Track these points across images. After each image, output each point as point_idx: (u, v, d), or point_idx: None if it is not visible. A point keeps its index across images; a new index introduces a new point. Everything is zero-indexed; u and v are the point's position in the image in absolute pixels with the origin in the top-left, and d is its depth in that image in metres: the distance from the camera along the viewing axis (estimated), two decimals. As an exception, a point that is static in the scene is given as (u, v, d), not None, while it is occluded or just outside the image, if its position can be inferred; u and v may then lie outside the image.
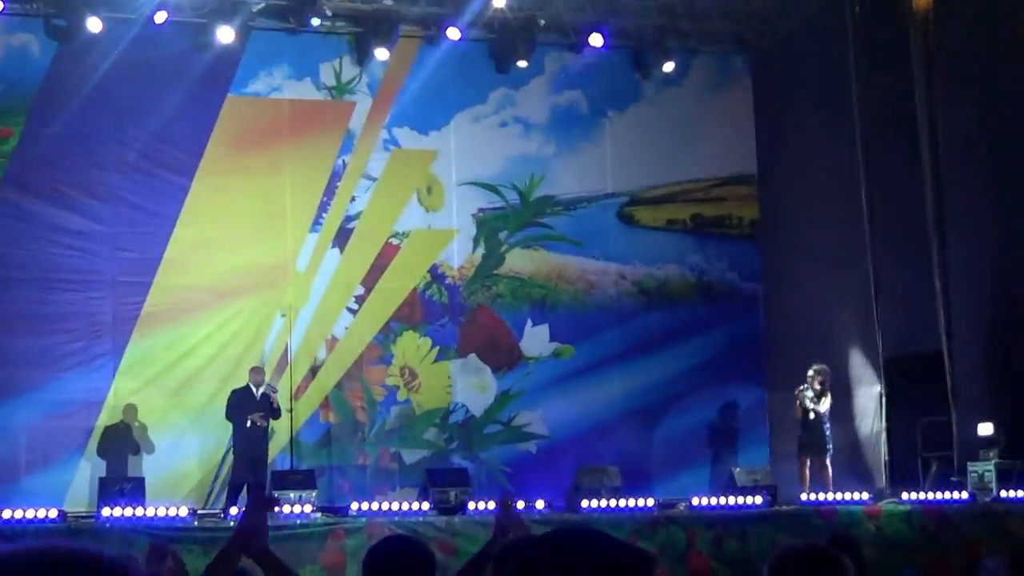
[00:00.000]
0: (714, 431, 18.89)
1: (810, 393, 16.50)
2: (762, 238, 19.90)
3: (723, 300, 19.66)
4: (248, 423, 15.62)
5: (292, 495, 14.65)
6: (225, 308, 17.59)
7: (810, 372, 16.61)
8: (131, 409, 16.88)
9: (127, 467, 16.41)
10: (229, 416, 15.91)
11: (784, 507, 15.60)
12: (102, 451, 16.56)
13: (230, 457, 17.04)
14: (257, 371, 16.17)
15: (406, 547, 4.84)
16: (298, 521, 14.11)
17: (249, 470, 15.57)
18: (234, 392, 16.05)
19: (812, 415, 16.42)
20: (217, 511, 15.64)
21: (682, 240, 19.69)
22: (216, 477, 17.12)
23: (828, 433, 16.42)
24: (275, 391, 15.97)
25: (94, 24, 16.86)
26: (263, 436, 15.88)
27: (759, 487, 15.62)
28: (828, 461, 16.35)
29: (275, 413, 15.95)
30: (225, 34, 17.44)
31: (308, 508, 14.42)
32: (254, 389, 15.91)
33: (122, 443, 16.66)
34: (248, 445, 15.74)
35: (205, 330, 17.47)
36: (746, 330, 19.57)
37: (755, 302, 19.78)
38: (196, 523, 13.95)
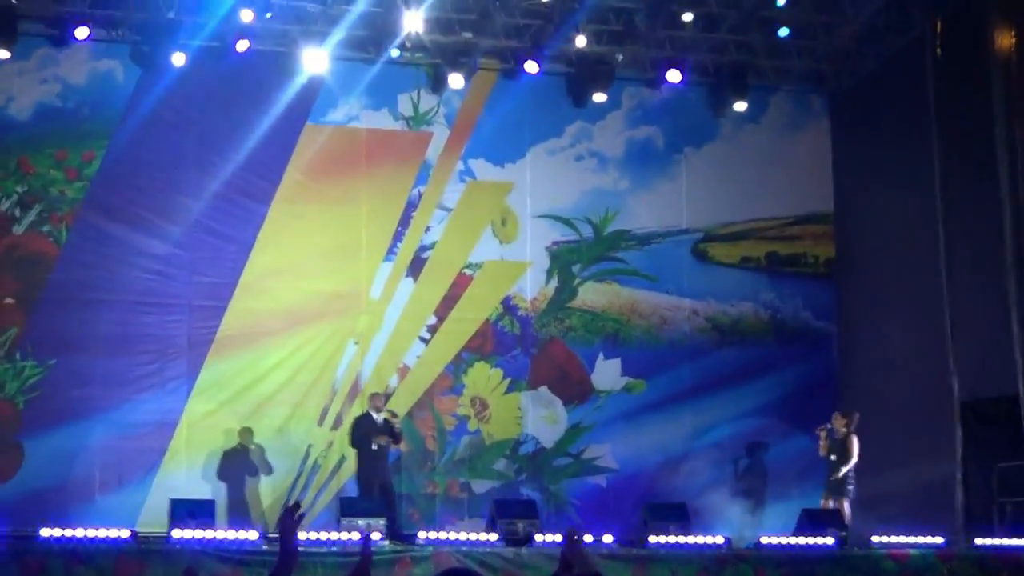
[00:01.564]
0: (743, 470, 18.62)
1: (836, 435, 16.32)
2: (837, 277, 19.71)
3: (796, 339, 19.51)
4: (374, 446, 15.66)
5: (360, 522, 14.60)
6: (298, 334, 17.64)
7: (836, 414, 16.51)
8: (247, 432, 17.05)
9: (245, 490, 16.78)
10: (354, 443, 16.01)
11: (855, 549, 15.40)
12: (222, 475, 16.79)
13: (301, 481, 17.19)
14: (377, 397, 16.26)
15: (467, 579, 4.83)
16: None
17: (375, 496, 15.57)
18: (356, 420, 16.18)
19: (834, 457, 16.26)
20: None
21: (756, 278, 19.58)
22: (287, 502, 17.04)
23: (850, 476, 16.23)
24: (396, 416, 16.01)
25: (178, 58, 17.05)
26: (386, 462, 15.96)
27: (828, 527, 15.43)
28: (846, 504, 16.11)
29: (396, 438, 16.00)
30: (314, 61, 17.46)
31: (376, 536, 14.24)
32: (374, 415, 15.96)
33: (241, 466, 16.93)
34: (375, 471, 15.78)
35: (278, 356, 17.53)
36: (819, 370, 19.38)
37: (828, 342, 19.59)
38: (265, 547, 13.89)
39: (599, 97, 18.85)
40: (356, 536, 14.09)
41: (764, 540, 15.42)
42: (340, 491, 17.13)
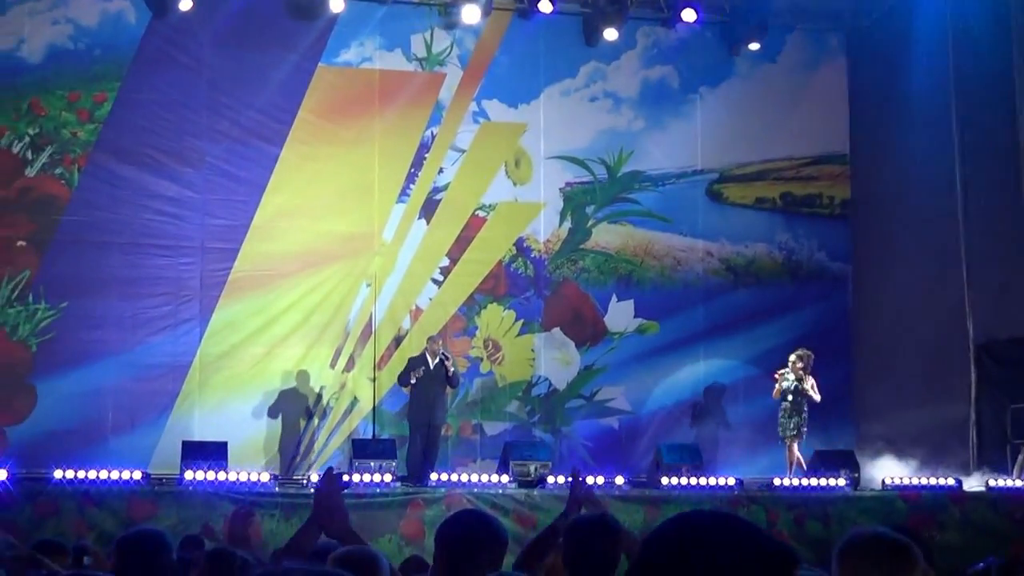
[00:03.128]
0: (698, 413, 18.59)
1: (792, 376, 16.20)
2: (853, 218, 19.58)
3: (811, 280, 19.42)
4: (413, 379, 15.57)
5: (372, 464, 14.74)
6: (311, 276, 17.59)
7: (792, 357, 16.31)
8: (305, 375, 17.24)
9: (300, 429, 17.04)
10: (401, 380, 16.00)
11: (868, 490, 15.46)
12: (274, 412, 17.02)
13: (313, 423, 17.21)
14: (433, 340, 16.07)
15: (479, 523, 4.79)
16: (378, 490, 14.18)
17: (423, 439, 15.64)
18: (410, 359, 16.07)
19: (790, 398, 16.18)
20: (300, 478, 15.76)
21: (771, 219, 19.48)
22: (299, 444, 17.19)
23: (805, 418, 16.12)
24: (448, 358, 15.80)
25: (185, 3, 16.98)
26: (437, 404, 15.81)
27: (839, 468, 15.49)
28: (798, 446, 16.10)
29: (451, 381, 15.86)
30: (336, 3, 17.39)
31: (388, 477, 14.48)
32: (429, 358, 15.78)
33: (297, 407, 17.14)
34: (420, 411, 15.73)
35: (291, 298, 17.50)
36: (834, 311, 19.28)
37: (844, 283, 19.47)
38: (278, 489, 14.00)
39: (611, 35, 18.63)
40: (371, 478, 14.24)
41: (777, 482, 15.55)
42: (352, 433, 17.19)
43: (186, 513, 13.10)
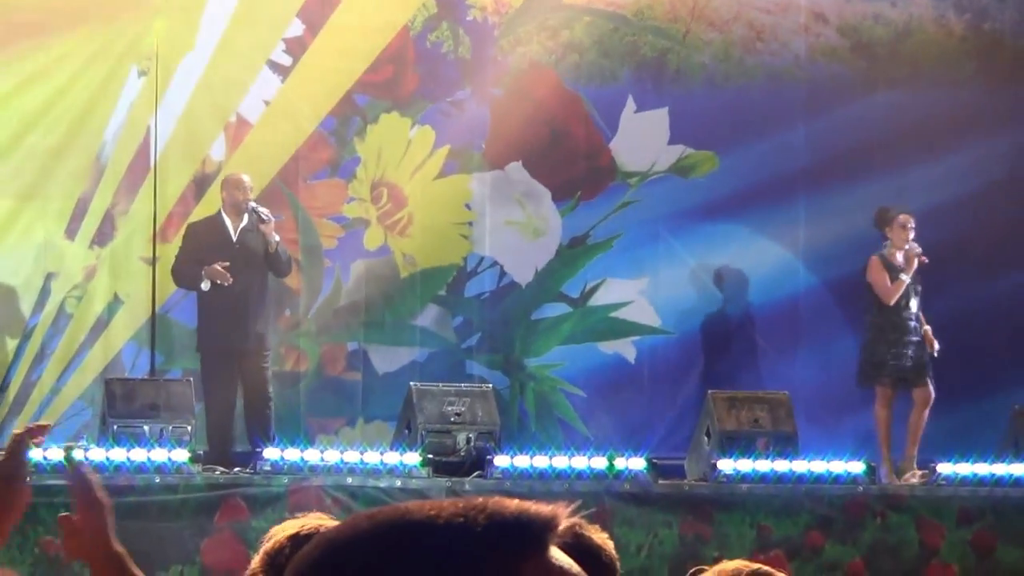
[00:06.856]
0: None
1: (900, 257, 16.91)
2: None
3: (1020, 73, 19.49)
4: (205, 284, 16.06)
5: (146, 428, 15.26)
6: (30, 55, 18.11)
7: (901, 219, 17.06)
8: (13, 253, 18.05)
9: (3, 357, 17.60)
10: (180, 279, 16.81)
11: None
12: None
13: (30, 347, 17.49)
14: (237, 185, 16.85)
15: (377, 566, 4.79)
16: (158, 480, 14.54)
17: (235, 381, 16.12)
18: (190, 228, 17.00)
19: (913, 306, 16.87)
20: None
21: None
22: (5, 383, 17.28)
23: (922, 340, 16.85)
24: (266, 220, 16.59)
25: None
26: (251, 311, 16.60)
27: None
28: (931, 393, 16.72)
29: (276, 263, 16.78)
30: None
31: (181, 455, 14.94)
32: (228, 221, 16.24)
33: None
34: (224, 332, 16.40)
35: (-6, 94, 17.55)
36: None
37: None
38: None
39: None
40: (147, 456, 14.78)
41: (944, 468, 15.80)
42: (108, 368, 17.43)
43: None
